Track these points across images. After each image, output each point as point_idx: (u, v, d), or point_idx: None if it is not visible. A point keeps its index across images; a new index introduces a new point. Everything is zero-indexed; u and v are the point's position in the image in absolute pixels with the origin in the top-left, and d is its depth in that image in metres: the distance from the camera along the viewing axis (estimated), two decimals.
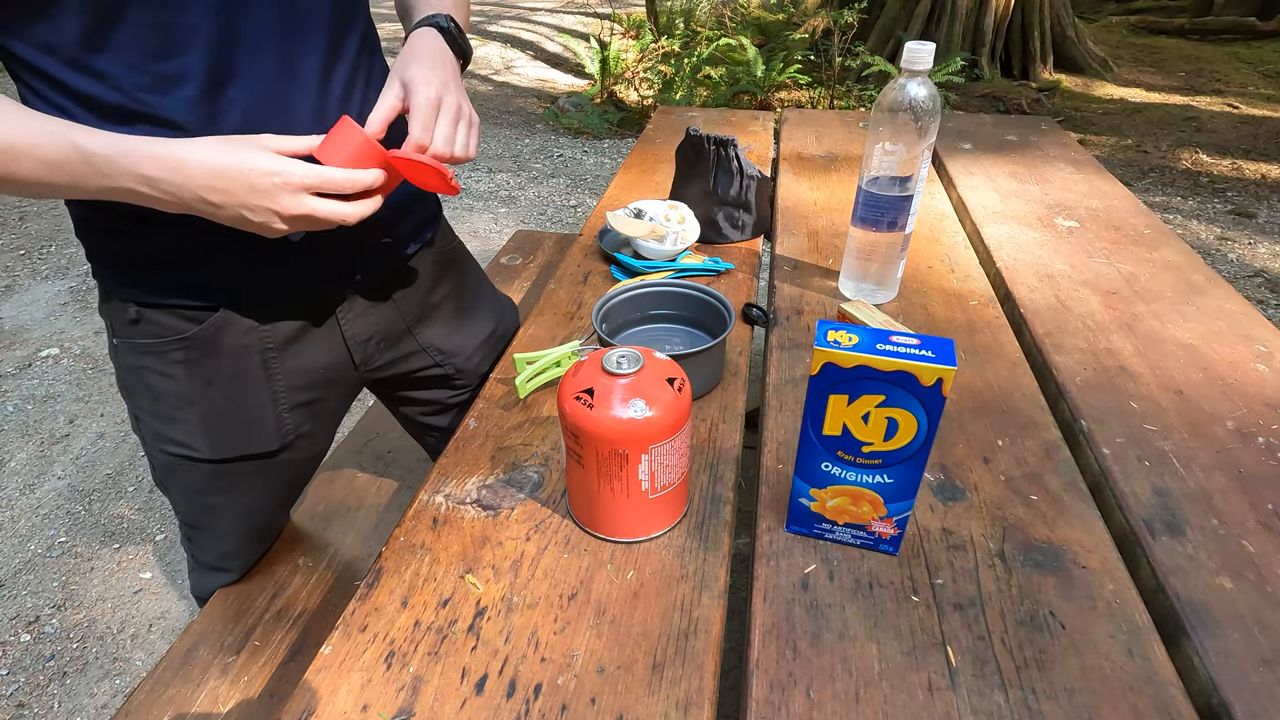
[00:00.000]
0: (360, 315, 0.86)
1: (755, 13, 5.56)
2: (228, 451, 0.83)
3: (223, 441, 0.82)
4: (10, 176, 0.56)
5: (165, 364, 0.77)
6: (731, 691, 1.21)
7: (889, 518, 0.60)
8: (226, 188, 0.59)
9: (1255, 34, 5.75)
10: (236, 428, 0.82)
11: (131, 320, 0.75)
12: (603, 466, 0.60)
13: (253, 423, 0.83)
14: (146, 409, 0.81)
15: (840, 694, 0.52)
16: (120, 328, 0.77)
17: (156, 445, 0.83)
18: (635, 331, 0.93)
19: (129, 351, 0.78)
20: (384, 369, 0.93)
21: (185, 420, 0.80)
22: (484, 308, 1.03)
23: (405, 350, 0.94)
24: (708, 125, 1.72)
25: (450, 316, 0.97)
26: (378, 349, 0.90)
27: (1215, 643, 0.54)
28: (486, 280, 1.07)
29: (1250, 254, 2.88)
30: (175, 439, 0.81)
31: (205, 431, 0.81)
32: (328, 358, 0.85)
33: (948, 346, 0.52)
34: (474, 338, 1.00)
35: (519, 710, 0.51)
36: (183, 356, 0.77)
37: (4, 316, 2.58)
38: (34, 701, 1.38)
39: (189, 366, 0.77)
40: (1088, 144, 3.99)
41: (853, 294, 1.00)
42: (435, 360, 0.97)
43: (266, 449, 0.85)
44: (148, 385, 0.79)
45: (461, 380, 1.00)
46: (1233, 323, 0.93)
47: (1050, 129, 1.65)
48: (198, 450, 0.82)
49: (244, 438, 0.83)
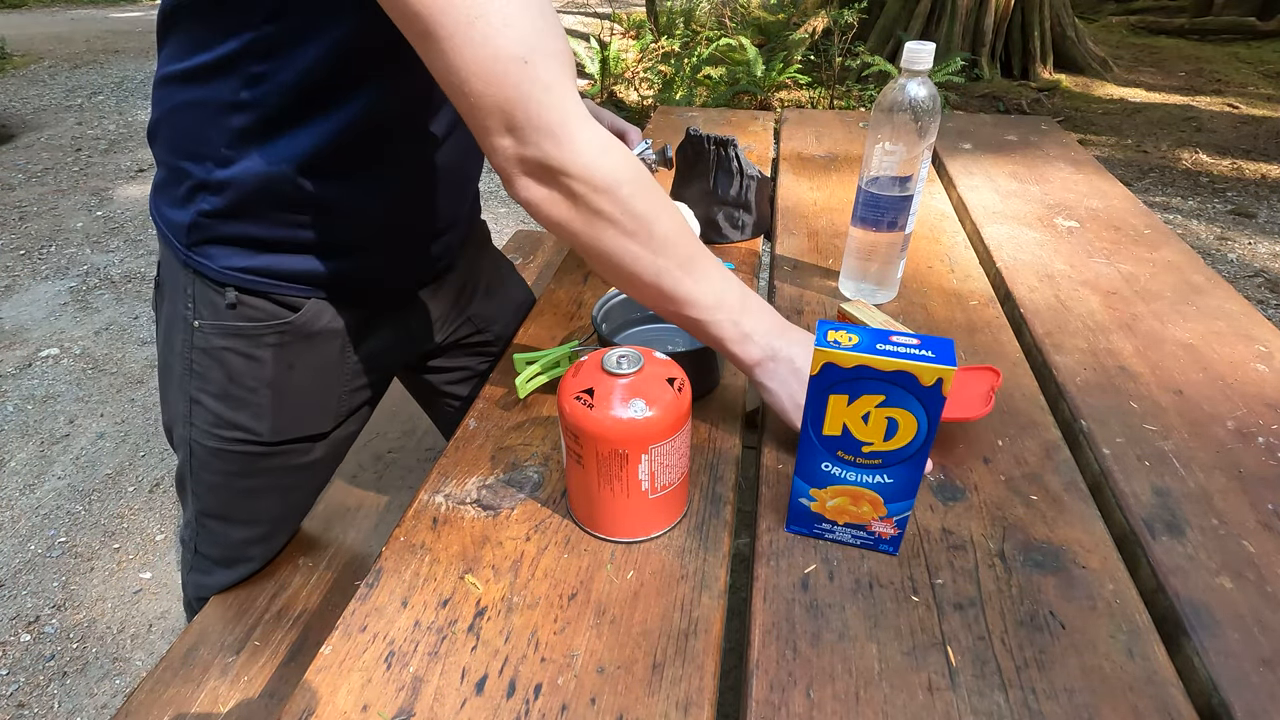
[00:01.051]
0: (424, 300, 0.92)
1: (755, 13, 5.56)
2: (287, 433, 0.85)
3: (284, 423, 0.84)
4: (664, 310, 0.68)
5: (254, 346, 0.79)
6: (731, 691, 1.21)
7: (889, 518, 0.60)
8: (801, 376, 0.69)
9: (1255, 34, 5.75)
10: (301, 410, 0.85)
11: (229, 305, 0.77)
12: (603, 466, 0.60)
13: (317, 406, 0.86)
14: (214, 391, 0.81)
15: (840, 694, 0.52)
16: (210, 310, 0.78)
17: (211, 430, 0.83)
18: (635, 331, 0.93)
19: (215, 334, 0.79)
20: (437, 346, 0.99)
21: (257, 403, 0.82)
22: (509, 276, 1.11)
23: (455, 322, 1.00)
24: (708, 125, 1.71)
25: (489, 284, 1.04)
26: (436, 329, 0.96)
27: (1215, 643, 0.54)
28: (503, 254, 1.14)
29: (1250, 254, 2.88)
30: (238, 423, 0.82)
31: (273, 414, 0.83)
32: (394, 342, 0.90)
33: (948, 346, 0.52)
34: (509, 305, 1.07)
35: (519, 710, 0.51)
36: (276, 340, 0.79)
37: (4, 316, 2.58)
38: (34, 701, 1.38)
39: (278, 350, 0.79)
40: (1088, 144, 3.99)
41: (853, 294, 1.00)
42: (479, 326, 1.03)
43: (321, 430, 0.87)
44: (225, 367, 0.80)
45: (496, 347, 1.06)
46: (1233, 323, 0.93)
47: (1050, 129, 1.65)
48: (259, 434, 0.83)
49: (305, 419, 0.86)
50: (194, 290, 0.78)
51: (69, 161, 3.92)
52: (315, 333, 0.81)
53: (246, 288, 0.77)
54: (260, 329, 0.78)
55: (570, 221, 0.61)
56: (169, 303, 0.81)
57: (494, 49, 0.54)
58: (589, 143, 0.58)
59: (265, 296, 0.77)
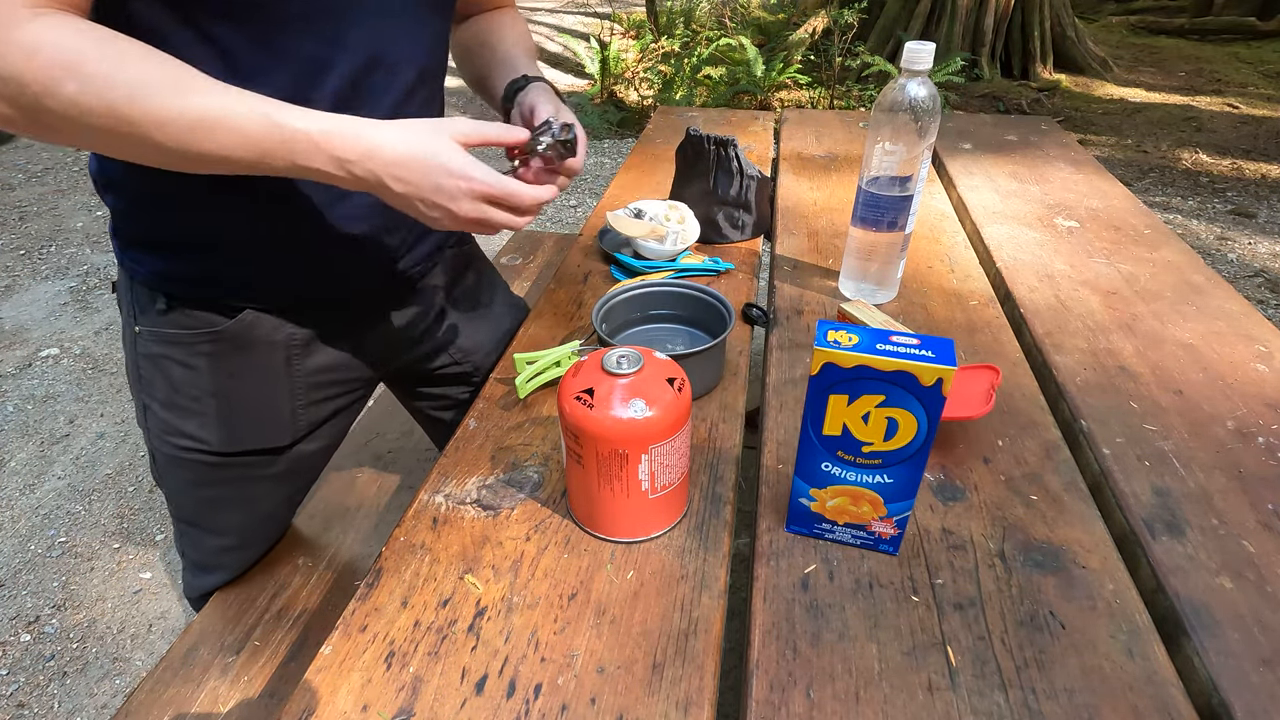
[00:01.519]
0: (385, 316, 0.87)
1: (755, 13, 5.56)
2: (238, 445, 0.83)
3: (235, 435, 0.83)
4: (199, 150, 0.56)
5: (190, 355, 0.77)
6: (731, 691, 1.21)
7: (889, 518, 0.60)
8: (414, 180, 0.61)
9: (1255, 34, 5.75)
10: (251, 421, 0.83)
11: (160, 310, 0.75)
12: (603, 466, 0.60)
13: (268, 417, 0.84)
14: (161, 399, 0.81)
15: (840, 694, 0.52)
16: (145, 316, 0.77)
17: (164, 438, 0.83)
18: (635, 331, 0.93)
19: (152, 340, 0.78)
20: (404, 367, 0.94)
21: (201, 412, 0.80)
22: (500, 305, 1.05)
23: (426, 349, 0.95)
24: (708, 125, 1.71)
25: (469, 314, 0.99)
26: (399, 350, 0.91)
27: (1215, 643, 0.54)
28: (500, 277, 1.08)
29: (1250, 254, 2.88)
30: (187, 431, 0.81)
31: (220, 424, 0.81)
32: (348, 357, 0.87)
33: (948, 346, 0.52)
34: (492, 335, 1.02)
35: (519, 710, 0.51)
36: (211, 349, 0.77)
37: (4, 316, 2.58)
38: (34, 701, 1.38)
39: (214, 359, 0.78)
40: (1088, 144, 3.99)
41: (853, 294, 1.00)
42: (455, 358, 0.98)
43: (278, 444, 0.85)
44: (166, 375, 0.79)
45: (478, 377, 1.02)
46: (1233, 323, 0.93)
47: (1050, 129, 1.65)
48: (209, 443, 0.82)
49: (258, 431, 0.84)
50: (133, 295, 0.77)
51: (69, 161, 3.92)
52: (252, 342, 0.78)
53: (176, 294, 0.75)
54: (193, 336, 0.76)
55: (42, 133, 0.55)
56: (121, 306, 0.81)
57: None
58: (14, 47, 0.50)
59: (196, 303, 0.75)
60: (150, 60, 0.54)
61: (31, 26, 0.51)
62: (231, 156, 0.57)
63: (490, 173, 0.63)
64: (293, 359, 0.82)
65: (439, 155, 0.61)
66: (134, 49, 0.54)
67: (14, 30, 0.50)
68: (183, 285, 0.75)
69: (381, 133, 0.60)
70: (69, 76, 0.51)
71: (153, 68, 0.54)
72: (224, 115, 0.56)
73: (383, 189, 0.62)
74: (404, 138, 0.60)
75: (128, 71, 0.53)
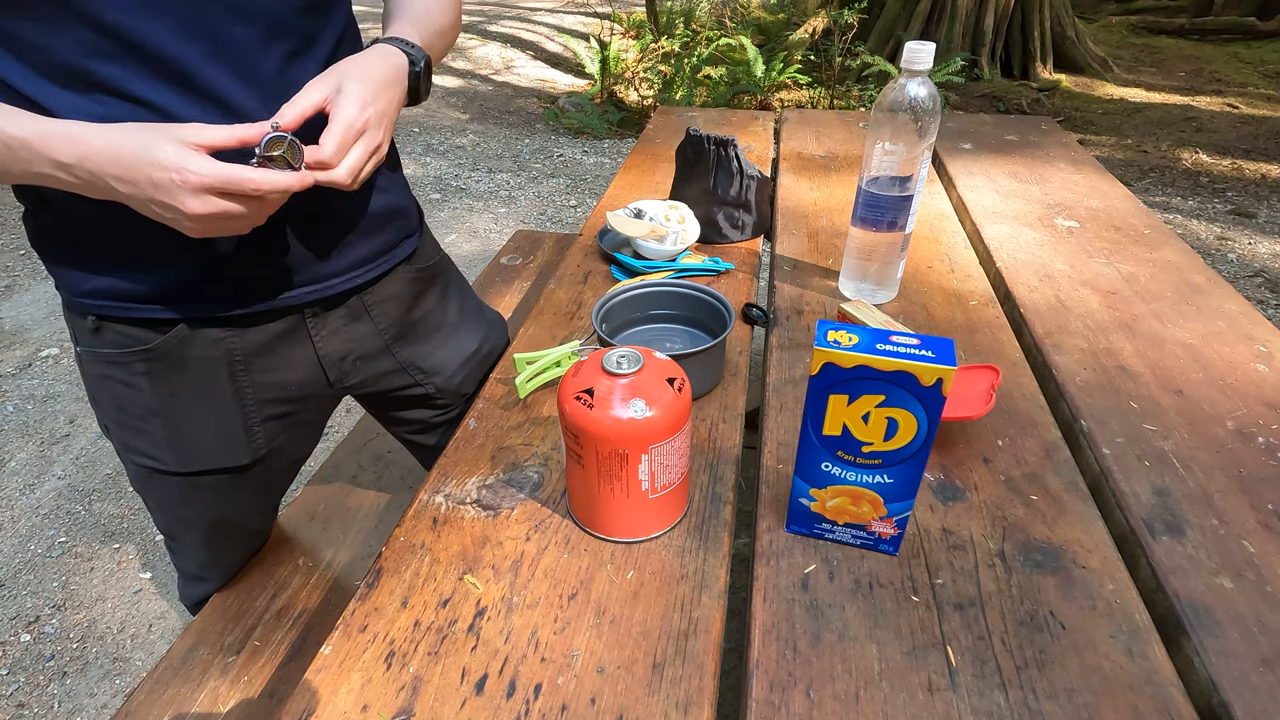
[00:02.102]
0: (334, 331, 0.83)
1: (755, 13, 5.56)
2: (196, 464, 0.81)
3: (190, 454, 0.80)
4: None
5: (128, 374, 0.75)
6: (731, 691, 1.21)
7: (889, 518, 0.60)
8: (131, 178, 0.57)
9: (1255, 34, 5.75)
10: (204, 440, 0.80)
11: (92, 329, 0.73)
12: (603, 466, 0.60)
13: (222, 436, 0.80)
14: (113, 419, 0.79)
15: (840, 694, 0.52)
16: (82, 336, 0.74)
17: (126, 455, 0.82)
18: (635, 331, 0.93)
19: (91, 361, 0.76)
20: (361, 386, 0.90)
21: (151, 432, 0.78)
22: (468, 325, 0.98)
23: (383, 368, 0.90)
24: (708, 125, 1.71)
25: (430, 334, 0.93)
26: (353, 366, 0.87)
27: (1215, 643, 0.54)
28: (473, 295, 1.02)
29: (1250, 254, 2.88)
30: (143, 450, 0.80)
31: (171, 444, 0.79)
32: (301, 373, 0.82)
33: (948, 346, 0.52)
34: (456, 356, 0.95)
35: (519, 710, 0.51)
36: (145, 368, 0.74)
37: (4, 316, 2.58)
38: (34, 701, 1.38)
39: (152, 378, 0.75)
40: (1088, 144, 3.99)
41: (853, 294, 1.00)
42: (415, 379, 0.93)
43: (237, 463, 0.82)
44: (113, 395, 0.77)
45: (443, 400, 0.96)
46: (1233, 323, 0.93)
47: (1050, 129, 1.65)
48: (165, 463, 0.80)
49: (213, 451, 0.81)
50: (69, 316, 0.75)
51: None
52: (188, 359, 0.75)
53: (101, 312, 0.71)
54: (126, 355, 0.74)
55: None
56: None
57: None
58: None
59: (124, 320, 0.72)
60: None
61: None
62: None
63: (208, 162, 0.57)
64: (237, 375, 0.78)
65: (149, 148, 0.56)
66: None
67: None
68: (103, 300, 0.71)
69: (95, 132, 0.56)
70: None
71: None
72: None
73: (113, 193, 0.58)
74: (117, 136, 0.56)
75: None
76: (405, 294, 0.89)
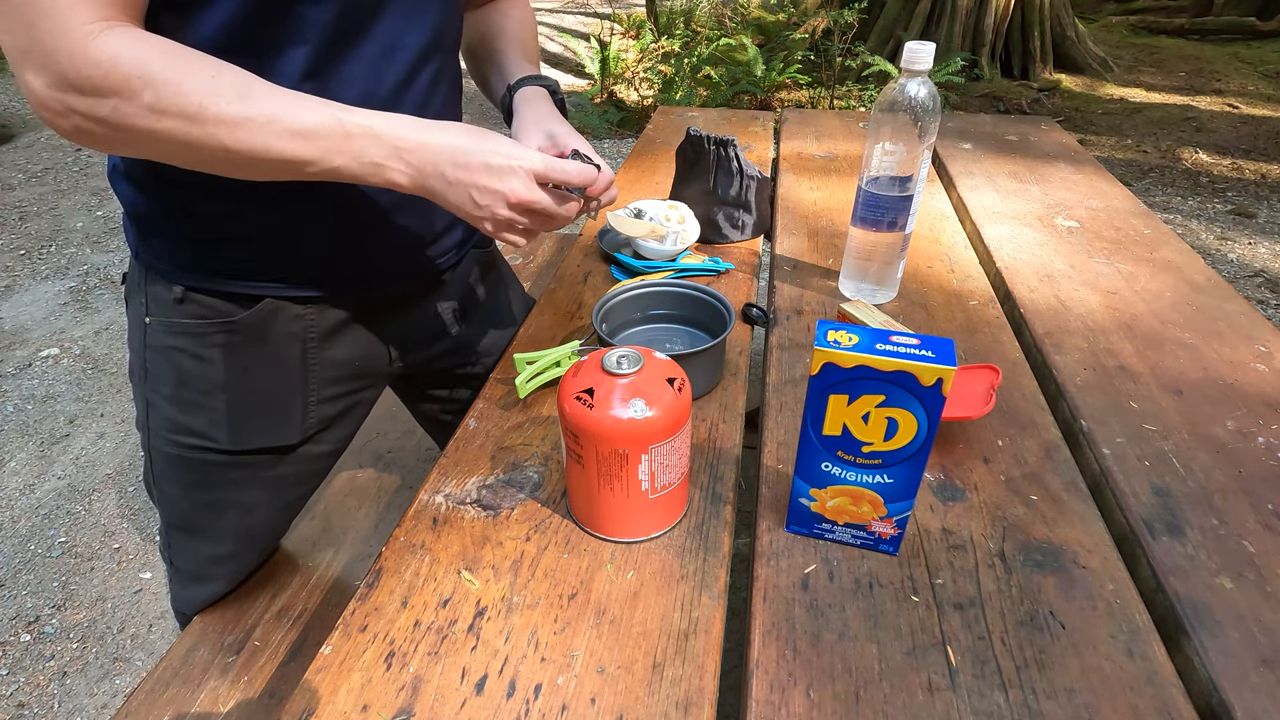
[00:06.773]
0: (405, 309, 0.88)
1: (755, 13, 5.56)
2: (248, 443, 0.83)
3: (245, 432, 0.82)
4: (267, 151, 0.58)
5: (203, 346, 0.77)
6: (731, 691, 1.21)
7: (889, 518, 0.60)
8: (466, 162, 0.63)
9: (1255, 34, 5.75)
10: (261, 418, 0.82)
11: (176, 299, 0.75)
12: (603, 466, 0.60)
13: (279, 413, 0.83)
14: (167, 394, 0.80)
15: (840, 694, 0.52)
16: (159, 306, 0.76)
17: (168, 436, 0.82)
18: (635, 331, 0.93)
19: (164, 331, 0.77)
20: (417, 365, 0.94)
21: (211, 407, 0.80)
22: (517, 308, 1.05)
23: (443, 347, 0.95)
24: (708, 125, 1.72)
25: (488, 316, 0.99)
26: (415, 345, 0.92)
27: (1215, 643, 0.54)
28: (517, 280, 1.09)
29: (1250, 254, 2.88)
30: (194, 428, 0.81)
31: (230, 420, 0.81)
32: (364, 350, 0.87)
33: (948, 346, 0.52)
34: (507, 337, 1.01)
35: (519, 710, 0.51)
36: (224, 340, 0.77)
37: (4, 316, 2.58)
38: (34, 701, 1.38)
39: (228, 351, 0.78)
40: (1088, 144, 3.99)
41: (853, 294, 1.00)
42: (469, 358, 0.98)
43: (287, 442, 0.85)
44: (176, 368, 0.78)
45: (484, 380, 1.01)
46: (1233, 323, 0.93)
47: (1050, 129, 1.65)
48: (216, 440, 0.81)
49: (266, 429, 0.83)
50: (146, 285, 0.77)
51: (69, 161, 3.91)
52: (269, 333, 0.78)
53: (195, 285, 0.75)
54: (207, 327, 0.76)
55: (117, 144, 0.57)
56: (131, 299, 0.80)
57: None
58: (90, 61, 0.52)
59: (214, 293, 0.75)
60: (213, 67, 0.56)
61: (104, 40, 0.53)
62: (288, 155, 0.59)
63: (541, 155, 0.66)
64: (309, 351, 0.81)
65: (487, 137, 0.65)
66: (196, 56, 0.56)
67: (89, 45, 0.52)
68: (204, 274, 0.75)
69: (434, 131, 0.64)
70: (145, 86, 0.53)
71: (217, 74, 0.56)
72: (289, 115, 0.58)
73: (439, 181, 0.64)
74: (458, 133, 0.64)
75: (195, 79, 0.55)
76: (471, 276, 0.96)
